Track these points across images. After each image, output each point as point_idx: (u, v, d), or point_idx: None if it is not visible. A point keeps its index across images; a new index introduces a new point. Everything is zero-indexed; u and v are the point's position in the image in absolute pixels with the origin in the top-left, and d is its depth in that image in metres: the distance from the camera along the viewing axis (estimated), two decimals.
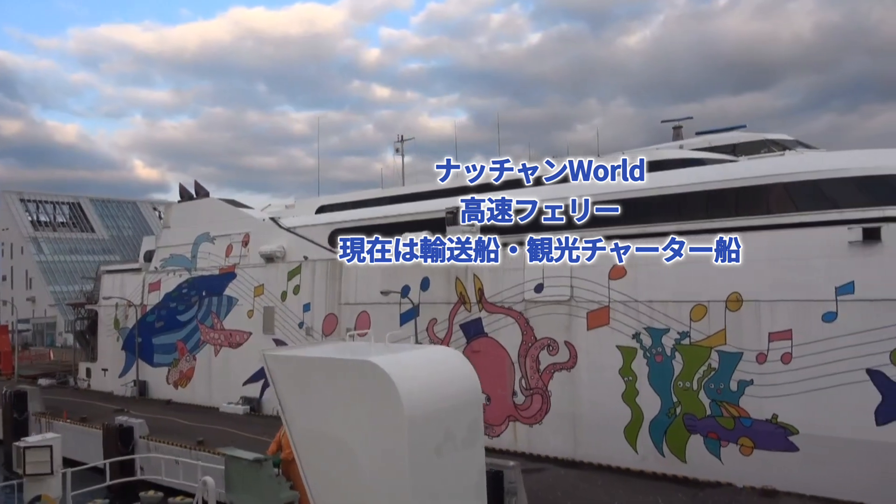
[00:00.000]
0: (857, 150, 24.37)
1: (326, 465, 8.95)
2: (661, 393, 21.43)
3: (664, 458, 21.35)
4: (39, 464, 13.93)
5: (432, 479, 8.45)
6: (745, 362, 19.96)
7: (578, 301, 23.41)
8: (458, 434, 8.92)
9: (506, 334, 25.17)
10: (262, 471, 9.59)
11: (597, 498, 18.79)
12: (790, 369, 19.23)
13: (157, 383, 38.86)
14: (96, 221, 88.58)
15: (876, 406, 17.91)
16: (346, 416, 8.66)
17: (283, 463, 9.96)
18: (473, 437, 9.28)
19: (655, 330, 21.69)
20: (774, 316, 19.62)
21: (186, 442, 26.55)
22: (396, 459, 8.10)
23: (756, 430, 19.71)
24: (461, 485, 9.12)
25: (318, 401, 9.01)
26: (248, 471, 9.76)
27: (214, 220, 37.71)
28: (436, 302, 27.34)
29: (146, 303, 40.15)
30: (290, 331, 32.28)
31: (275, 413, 31.44)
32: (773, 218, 20.29)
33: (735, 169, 22.76)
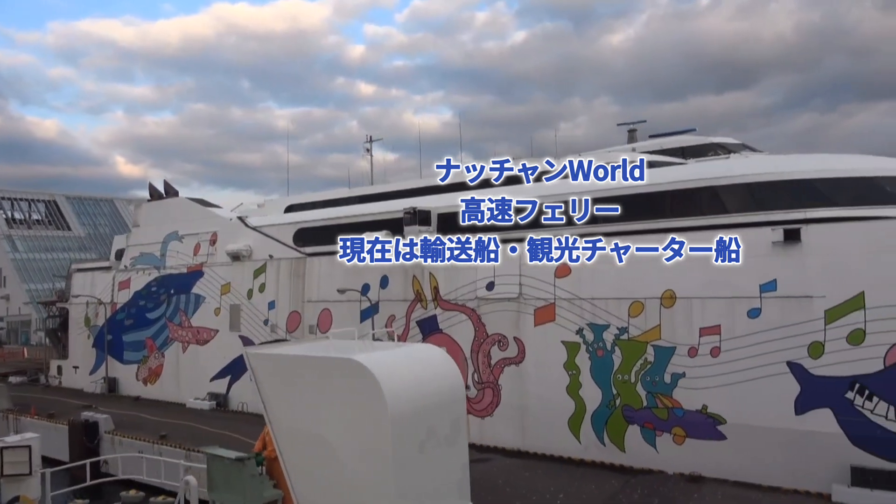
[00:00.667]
0: (795, 155, 25.64)
1: (310, 464, 8.93)
2: (602, 385, 22.48)
3: (605, 448, 22.41)
4: (17, 464, 13.73)
5: (416, 477, 8.43)
6: (677, 356, 21.05)
7: (526, 298, 24.40)
8: (441, 431, 8.99)
9: (459, 330, 26.10)
10: (244, 469, 9.53)
11: (536, 485, 19.78)
12: (718, 362, 20.34)
13: (127, 380, 39.40)
14: (72, 219, 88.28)
15: (795, 396, 19.06)
16: (329, 414, 8.65)
17: (267, 461, 9.87)
18: (456, 433, 9.35)
19: (597, 326, 22.73)
20: (705, 312, 20.72)
21: (149, 436, 27.22)
22: (380, 457, 8.12)
23: (687, 421, 20.81)
24: (444, 481, 9.13)
25: (301, 399, 9.01)
26: (230, 470, 9.68)
27: (183, 220, 38.26)
28: (394, 299, 28.22)
29: (116, 301, 40.64)
30: (256, 328, 33.00)
31: (240, 408, 32.36)
32: (705, 219, 21.34)
33: (676, 172, 23.80)
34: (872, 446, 18.00)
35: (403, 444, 8.22)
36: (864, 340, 18.20)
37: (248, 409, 32.39)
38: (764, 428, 19.41)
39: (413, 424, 8.43)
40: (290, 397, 9.20)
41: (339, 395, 8.54)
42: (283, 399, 9.30)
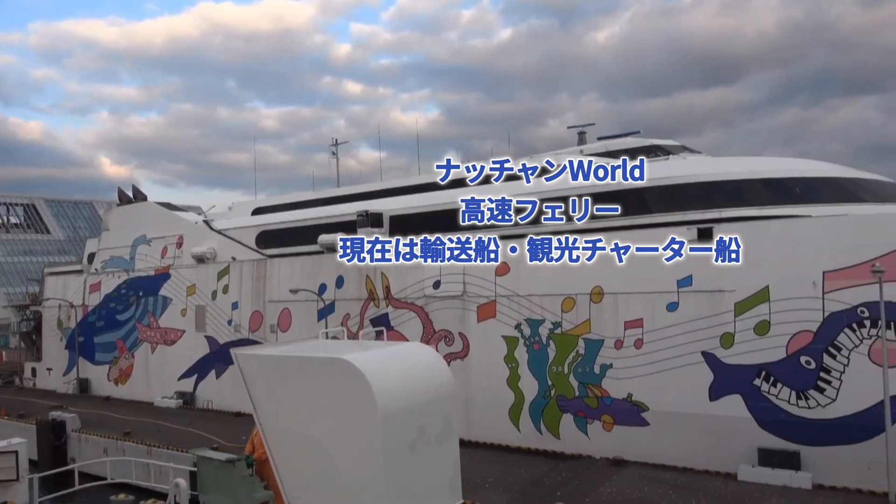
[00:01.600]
0: (728, 158, 27.00)
1: (300, 464, 8.83)
2: (539, 377, 23.80)
3: (542, 436, 23.74)
4: (4, 470, 13.48)
5: (407, 475, 8.38)
6: (605, 348, 22.40)
7: (470, 296, 25.67)
8: (432, 430, 8.92)
9: (409, 327, 27.32)
10: (234, 471, 9.53)
11: (469, 472, 20.85)
12: (642, 353, 21.70)
13: (98, 381, 40.37)
14: (51, 222, 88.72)
15: (709, 384, 20.45)
16: (319, 414, 8.55)
17: (257, 463, 9.79)
18: (447, 432, 9.29)
19: (534, 321, 24.03)
20: (629, 306, 22.07)
21: (114, 434, 28.28)
22: (371, 456, 8.05)
23: (615, 408, 22.17)
24: (436, 479, 9.07)
25: (291, 399, 8.90)
26: (220, 471, 9.64)
27: (151, 223, 39.24)
28: (349, 299, 29.40)
29: (87, 303, 41.56)
30: (221, 328, 34.08)
31: (206, 406, 33.44)
32: (631, 219, 22.65)
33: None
34: (777, 429, 19.42)
35: (394, 443, 8.14)
36: (769, 331, 19.61)
37: (213, 406, 33.51)
38: (682, 414, 20.79)
39: (404, 423, 8.35)
40: (279, 398, 9.03)
41: (329, 395, 8.44)
42: (272, 400, 9.12)
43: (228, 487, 9.60)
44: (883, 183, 22.53)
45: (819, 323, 18.90)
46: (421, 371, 9.37)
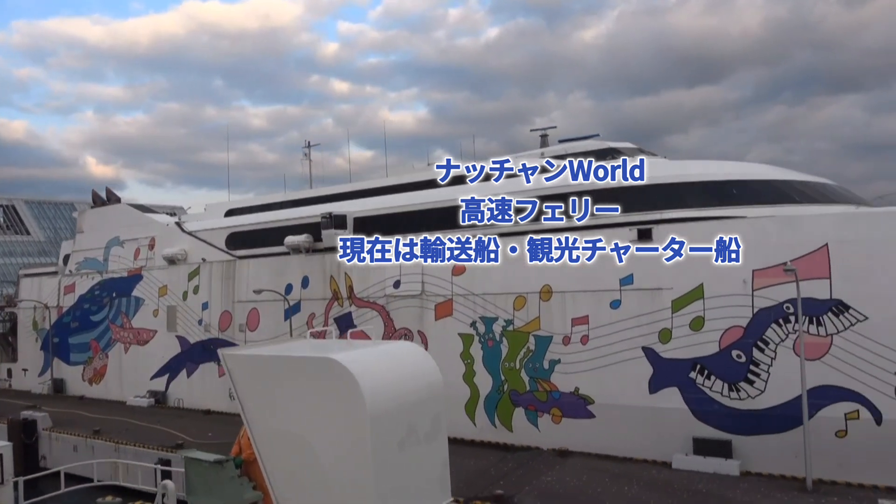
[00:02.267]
0: (682, 161, 27.86)
1: (289, 464, 8.79)
2: (493, 373, 24.74)
3: (496, 429, 24.69)
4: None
5: (396, 474, 8.35)
6: (554, 344, 23.37)
7: (428, 295, 26.57)
8: (421, 428, 8.93)
9: (372, 326, 28.15)
10: (223, 472, 9.44)
11: None
12: (588, 349, 22.70)
13: (73, 381, 40.90)
14: (31, 223, 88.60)
15: (649, 377, 21.49)
16: (307, 413, 8.51)
17: (245, 463, 9.77)
18: (436, 430, 9.35)
19: (488, 318, 24.98)
20: (576, 304, 23.06)
21: (84, 432, 28.93)
22: (359, 456, 8.01)
23: (563, 402, 23.16)
24: (425, 478, 9.07)
25: (278, 399, 8.85)
26: (209, 472, 9.56)
27: (124, 225, 39.82)
28: (314, 298, 30.21)
29: (62, 304, 42.08)
30: (192, 328, 34.77)
31: (177, 404, 34.17)
32: (575, 220, 23.57)
33: (560, 178, 25.96)
34: (710, 419, 20.48)
35: (383, 442, 8.11)
36: (703, 326, 20.66)
37: (183, 405, 34.22)
38: (624, 406, 21.82)
39: (393, 422, 8.34)
40: (267, 398, 9.00)
41: (317, 395, 8.40)
42: (260, 400, 9.11)
43: (217, 489, 9.45)
44: (816, 184, 23.61)
45: (749, 319, 19.98)
46: (410, 370, 9.31)
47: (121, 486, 20.89)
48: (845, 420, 18.65)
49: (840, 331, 18.74)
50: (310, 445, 8.49)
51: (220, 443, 25.20)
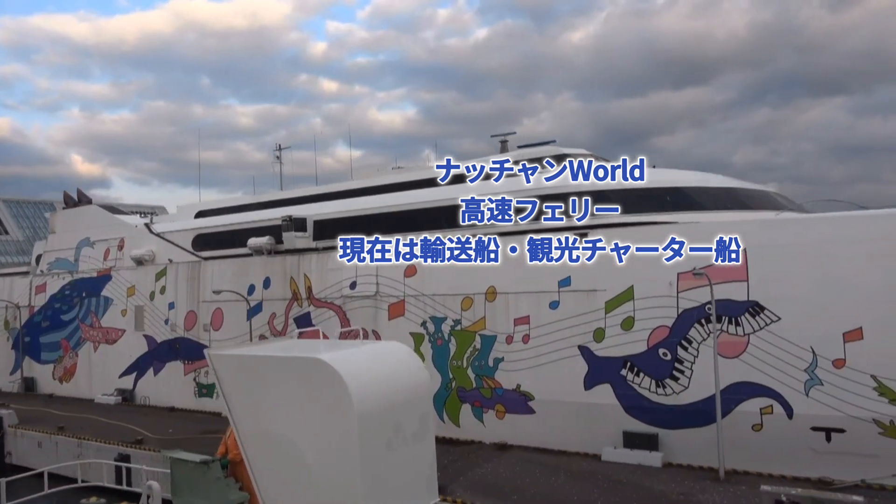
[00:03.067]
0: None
1: (276, 464, 8.83)
2: (442, 371, 25.77)
3: (445, 425, 25.72)
4: None
5: (383, 474, 8.40)
6: (498, 343, 24.43)
7: (382, 296, 27.56)
8: (408, 428, 9.01)
9: (329, 326, 29.06)
10: (209, 473, 9.42)
11: None
12: (528, 347, 23.77)
13: (44, 379, 41.55)
14: (10, 223, 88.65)
15: (584, 374, 22.59)
16: (295, 414, 8.54)
17: (232, 464, 9.75)
18: (424, 430, 9.40)
19: (437, 318, 26.00)
20: (518, 305, 24.13)
21: (49, 429, 29.67)
22: (347, 456, 8.06)
23: (506, 398, 24.22)
24: (412, 478, 9.15)
25: (266, 399, 8.89)
26: (195, 473, 9.52)
27: (95, 226, 40.53)
28: (275, 299, 31.12)
29: (34, 304, 42.70)
30: (158, 327, 35.56)
31: (143, 402, 34.92)
32: (520, 225, 24.65)
33: (511, 182, 26.90)
34: (639, 414, 21.62)
35: (370, 441, 8.13)
36: (633, 326, 21.78)
37: (149, 402, 35.03)
38: (561, 402, 22.91)
39: (380, 422, 8.37)
40: (254, 398, 9.02)
41: (304, 395, 8.42)
42: (247, 400, 9.11)
43: (202, 489, 9.39)
44: (753, 192, 24.80)
45: (674, 319, 21.11)
46: (397, 370, 9.39)
47: (105, 486, 21.31)
48: (761, 414, 19.82)
49: (756, 330, 19.92)
50: (297, 445, 8.48)
51: (180, 438, 26.24)
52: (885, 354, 18.30)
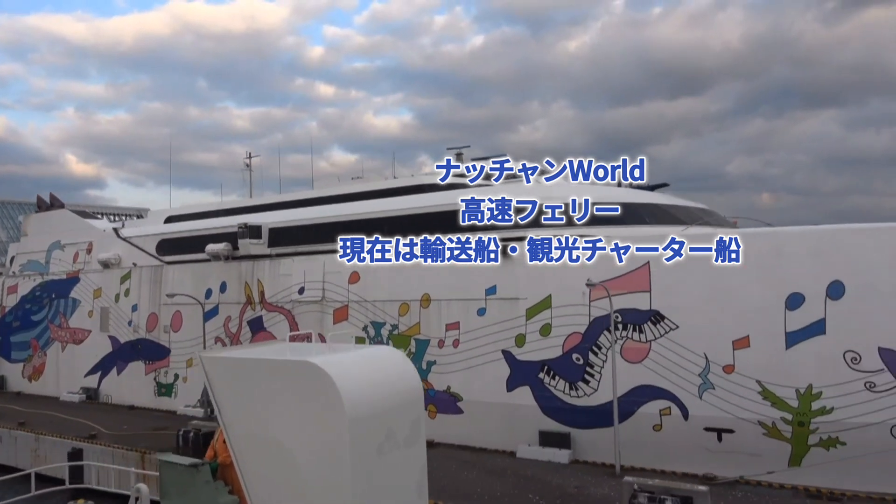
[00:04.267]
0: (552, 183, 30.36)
1: (266, 468, 8.73)
2: None
3: None
4: None
5: (374, 479, 8.35)
6: (431, 347, 25.96)
7: (328, 301, 29.07)
8: (400, 433, 8.91)
9: (279, 329, 30.56)
10: (198, 476, 9.33)
11: None
12: (458, 351, 25.31)
13: (14, 378, 42.81)
14: None
15: (507, 377, 24.13)
16: (285, 417, 8.49)
17: (221, 467, 9.68)
18: (415, 435, 9.33)
19: (377, 323, 27.52)
20: (449, 311, 25.68)
21: (9, 424, 30.99)
22: (337, 460, 7.98)
23: (438, 399, 25.73)
24: (403, 483, 9.08)
25: (256, 403, 8.81)
26: (183, 476, 9.44)
27: (65, 230, 41.92)
28: (231, 302, 32.57)
29: (5, 304, 44.00)
30: (122, 328, 36.94)
31: (106, 400, 36.26)
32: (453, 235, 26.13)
33: (435, 198, 28.23)
34: (554, 415, 23.16)
35: (361, 446, 8.12)
36: (550, 332, 23.35)
37: (111, 400, 36.41)
38: (486, 403, 24.44)
39: (371, 427, 8.35)
40: (245, 401, 8.98)
41: (295, 399, 8.41)
42: (238, 403, 9.10)
43: (191, 493, 9.32)
44: (678, 207, 26.33)
45: (586, 326, 22.70)
46: (389, 374, 9.37)
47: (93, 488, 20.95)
48: (660, 416, 21.40)
49: (657, 338, 21.52)
50: (287, 449, 8.48)
51: (133, 434, 27.68)
52: (769, 361, 19.92)
